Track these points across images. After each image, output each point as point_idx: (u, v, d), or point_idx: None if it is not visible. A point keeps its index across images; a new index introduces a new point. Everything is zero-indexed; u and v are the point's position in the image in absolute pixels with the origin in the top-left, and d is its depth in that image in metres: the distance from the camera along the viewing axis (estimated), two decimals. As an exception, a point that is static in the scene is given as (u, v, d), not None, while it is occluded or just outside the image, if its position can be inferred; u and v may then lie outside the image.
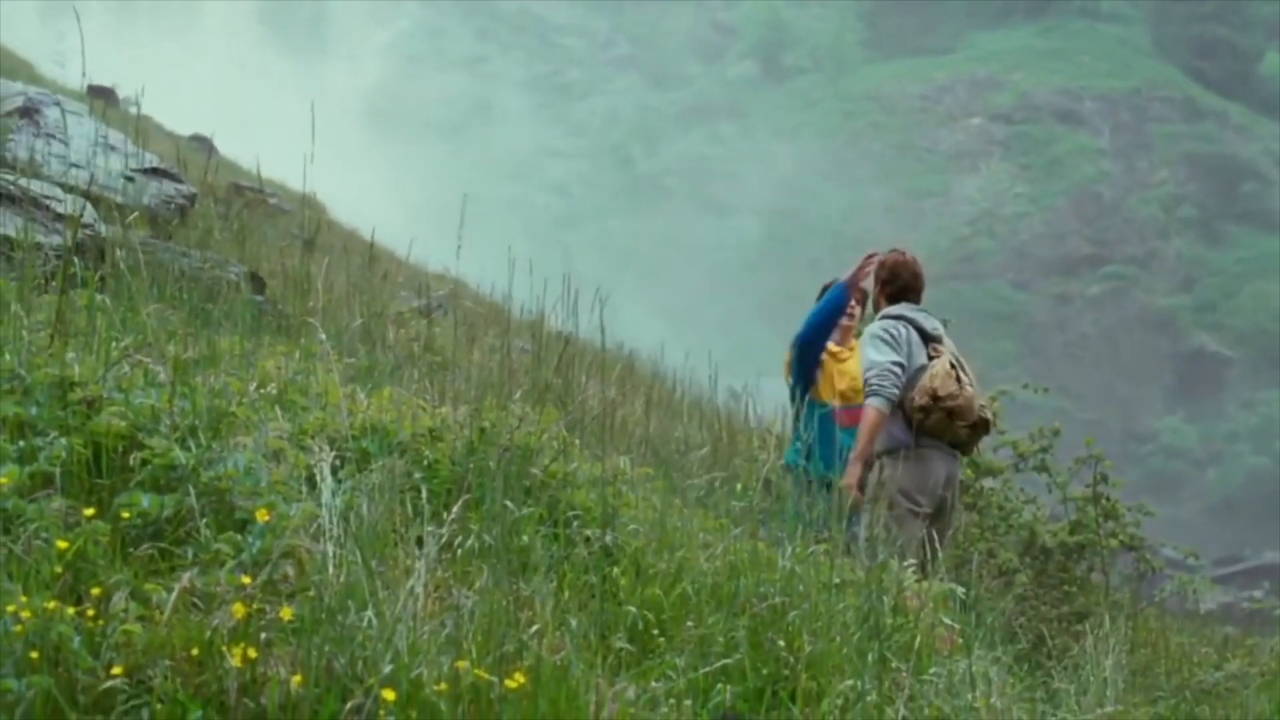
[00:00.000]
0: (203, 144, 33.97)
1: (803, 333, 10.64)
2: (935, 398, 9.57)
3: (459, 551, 5.72)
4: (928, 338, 9.98)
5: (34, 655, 4.20)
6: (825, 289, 10.85)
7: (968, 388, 9.73)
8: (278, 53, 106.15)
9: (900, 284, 10.27)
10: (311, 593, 4.79)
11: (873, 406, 9.62)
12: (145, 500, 5.10)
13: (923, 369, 9.74)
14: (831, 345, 10.70)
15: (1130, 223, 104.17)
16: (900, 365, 9.68)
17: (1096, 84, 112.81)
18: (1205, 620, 17.31)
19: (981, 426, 9.89)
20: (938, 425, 9.63)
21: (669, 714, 5.12)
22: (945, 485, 9.91)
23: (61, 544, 4.70)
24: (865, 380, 9.73)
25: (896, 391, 9.60)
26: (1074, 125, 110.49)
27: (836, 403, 10.54)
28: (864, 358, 9.86)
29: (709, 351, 10.67)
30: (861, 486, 9.70)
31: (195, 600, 4.69)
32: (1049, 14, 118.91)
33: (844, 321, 10.75)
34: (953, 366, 9.76)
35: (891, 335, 9.82)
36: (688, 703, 5.25)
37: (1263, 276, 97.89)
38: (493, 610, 5.03)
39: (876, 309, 10.37)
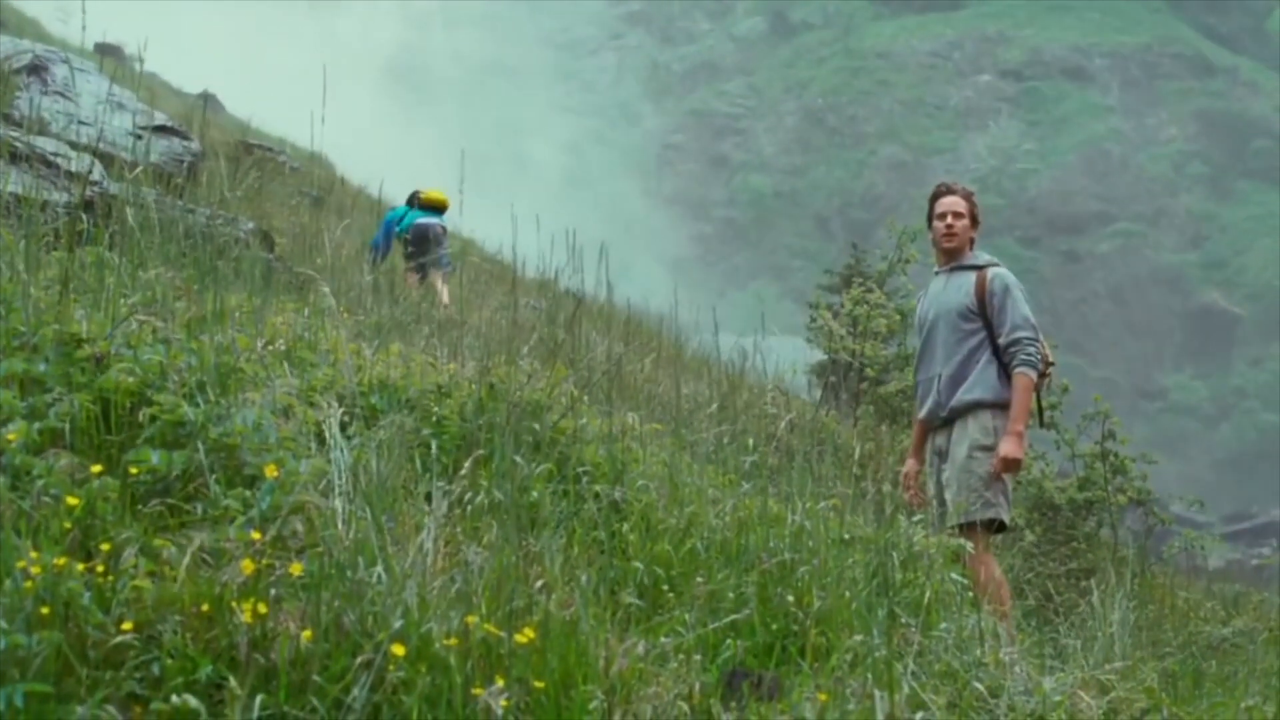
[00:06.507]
0: (211, 102, 33.94)
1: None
2: (1048, 363, 9.31)
3: (468, 507, 5.73)
4: None
5: (44, 611, 4.21)
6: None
7: None
8: (286, 9, 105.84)
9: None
10: (321, 549, 4.79)
11: (1028, 376, 9.01)
12: (154, 456, 5.10)
13: None
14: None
15: (1139, 180, 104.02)
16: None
17: (1106, 40, 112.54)
18: (1213, 577, 17.34)
19: None
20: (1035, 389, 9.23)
21: (678, 669, 5.12)
22: None
23: (71, 500, 4.70)
24: (1017, 339, 9.08)
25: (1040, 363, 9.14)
26: (1084, 82, 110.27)
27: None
28: (1009, 307, 9.16)
29: (717, 308, 10.70)
30: (919, 456, 9.51)
31: (205, 556, 4.69)
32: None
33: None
34: None
35: (1024, 291, 9.30)
36: (697, 658, 5.26)
37: (1272, 233, 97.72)
38: (502, 566, 5.03)
39: (961, 251, 9.54)
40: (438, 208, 19.91)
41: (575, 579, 5.42)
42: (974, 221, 9.55)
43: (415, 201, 20.09)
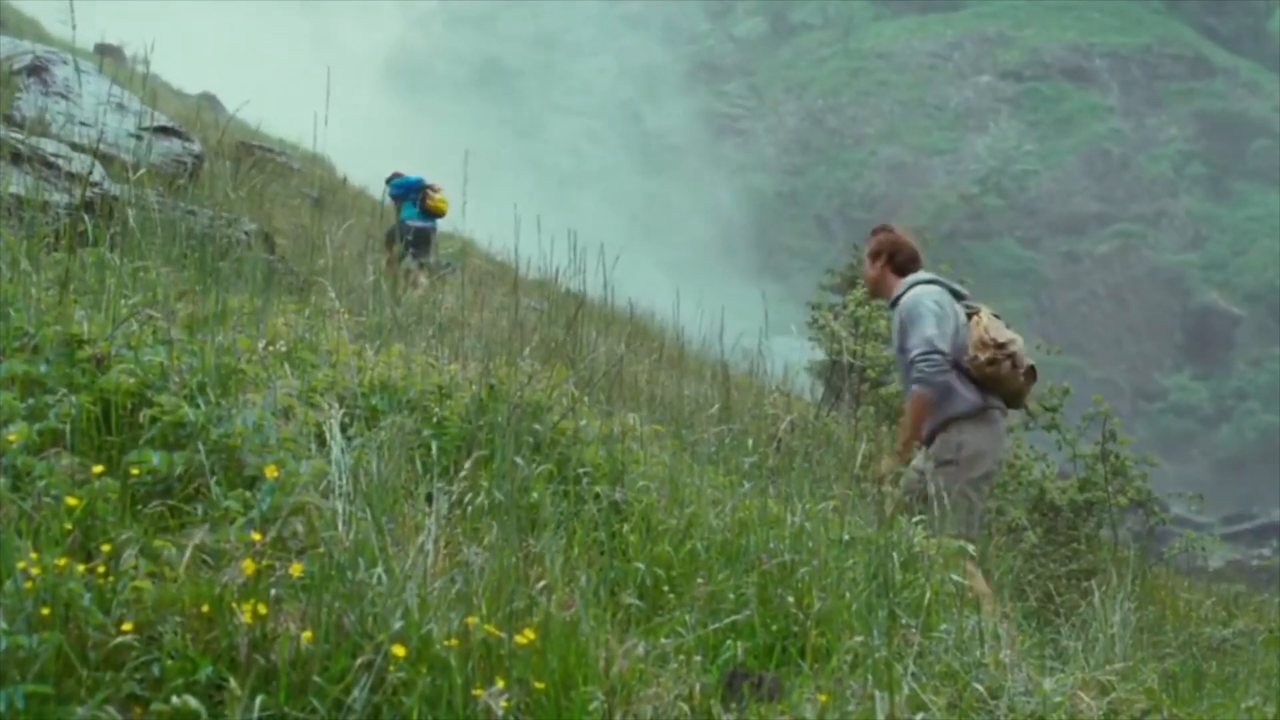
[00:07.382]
0: (212, 102, 33.94)
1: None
2: (998, 345, 9.33)
3: (469, 508, 5.72)
4: (958, 295, 9.69)
5: (45, 611, 4.21)
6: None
7: (1017, 335, 9.53)
8: (286, 10, 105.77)
9: (906, 255, 9.78)
10: (321, 549, 4.79)
11: (919, 395, 9.24)
12: (155, 457, 5.09)
13: (965, 326, 9.49)
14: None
15: (1139, 180, 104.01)
16: (941, 342, 9.26)
17: (1107, 41, 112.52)
18: (1214, 577, 17.32)
19: (1031, 374, 9.63)
20: (1007, 375, 9.35)
21: (678, 670, 5.12)
22: (1003, 448, 9.87)
23: (71, 501, 4.70)
24: (911, 361, 9.28)
25: (942, 379, 9.23)
26: (1084, 82, 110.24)
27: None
28: (911, 329, 9.36)
29: (718, 308, 10.70)
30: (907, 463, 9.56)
31: (205, 557, 4.69)
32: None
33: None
34: (996, 316, 9.58)
35: (938, 304, 9.39)
36: (697, 659, 5.25)
37: (1271, 234, 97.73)
38: (503, 567, 5.03)
39: (878, 288, 9.93)
40: (439, 215, 20.44)
41: (575, 580, 5.42)
42: (875, 256, 9.83)
43: (424, 203, 20.40)
